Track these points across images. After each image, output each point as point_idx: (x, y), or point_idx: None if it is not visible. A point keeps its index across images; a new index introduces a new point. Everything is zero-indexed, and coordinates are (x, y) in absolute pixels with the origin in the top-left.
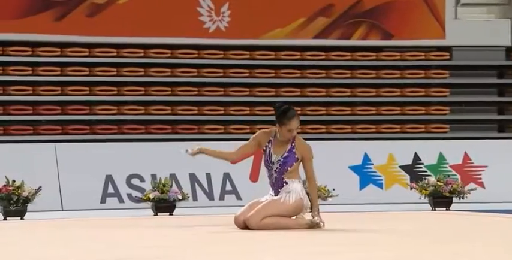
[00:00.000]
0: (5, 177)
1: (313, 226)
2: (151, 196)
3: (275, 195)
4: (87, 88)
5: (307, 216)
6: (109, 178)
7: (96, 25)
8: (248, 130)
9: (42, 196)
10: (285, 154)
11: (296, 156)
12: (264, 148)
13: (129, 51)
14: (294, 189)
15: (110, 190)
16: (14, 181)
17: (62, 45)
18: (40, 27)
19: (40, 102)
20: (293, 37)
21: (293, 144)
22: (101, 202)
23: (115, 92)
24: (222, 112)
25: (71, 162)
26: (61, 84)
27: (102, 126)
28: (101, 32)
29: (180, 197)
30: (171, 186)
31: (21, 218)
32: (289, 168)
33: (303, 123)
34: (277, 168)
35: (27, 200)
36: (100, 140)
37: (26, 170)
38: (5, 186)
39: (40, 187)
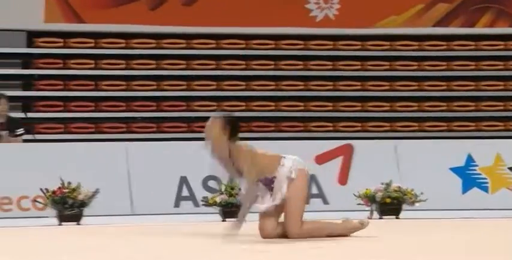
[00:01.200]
0: (60, 178)
1: (363, 227)
2: (217, 199)
3: (271, 191)
4: (184, 83)
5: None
6: (183, 180)
7: (194, 14)
8: (359, 128)
9: (111, 199)
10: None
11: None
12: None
13: (229, 42)
14: (284, 176)
15: (185, 193)
16: (69, 183)
17: (158, 36)
18: (134, 17)
19: (134, 98)
20: (410, 25)
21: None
22: (174, 206)
23: (214, 87)
24: (330, 108)
25: (142, 163)
26: (157, 78)
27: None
28: (198, 22)
29: None
30: (240, 189)
31: (77, 224)
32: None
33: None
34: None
35: (83, 204)
36: (169, 139)
37: (97, 171)
38: (59, 188)
39: (98, 189)
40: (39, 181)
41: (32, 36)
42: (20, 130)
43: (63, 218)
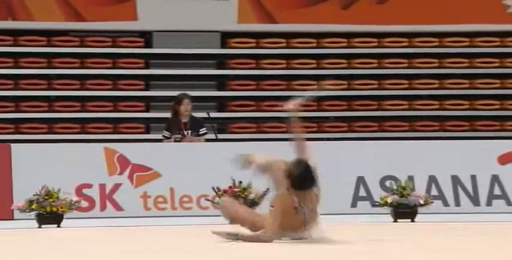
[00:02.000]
0: (231, 178)
1: None
2: (389, 200)
3: None
4: (375, 82)
5: None
6: (360, 180)
7: (387, 13)
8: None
9: None
10: None
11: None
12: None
13: (422, 40)
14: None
15: (362, 193)
16: (240, 182)
17: (349, 35)
18: (326, 16)
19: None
20: None
21: None
22: (351, 206)
23: (406, 86)
24: (497, 107)
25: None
26: (348, 77)
27: (393, 123)
28: (391, 20)
29: (421, 202)
30: (412, 189)
31: None
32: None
33: None
34: None
35: (254, 203)
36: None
37: None
38: (230, 187)
39: (268, 189)
40: (217, 179)
41: (225, 37)
42: (203, 130)
43: None
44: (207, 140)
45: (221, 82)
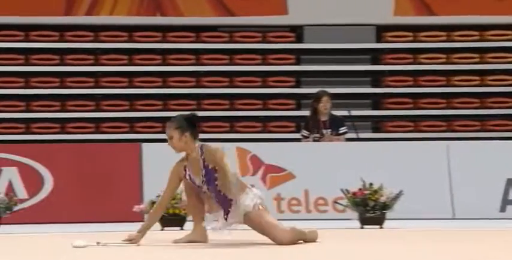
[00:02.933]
0: (361, 179)
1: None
2: None
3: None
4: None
5: None
6: (510, 183)
7: None
8: None
9: (430, 202)
10: (203, 172)
11: (210, 168)
12: (185, 177)
13: None
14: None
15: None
16: (371, 184)
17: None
18: (488, 7)
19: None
20: None
21: (203, 157)
22: (500, 211)
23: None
24: None
25: (463, 162)
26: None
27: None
28: None
29: None
30: None
31: (380, 227)
32: (216, 182)
33: None
34: (208, 188)
35: (385, 206)
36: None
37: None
38: (360, 189)
39: (401, 191)
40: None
41: (380, 31)
42: (343, 129)
43: (364, 221)
44: (348, 139)
45: (376, 79)
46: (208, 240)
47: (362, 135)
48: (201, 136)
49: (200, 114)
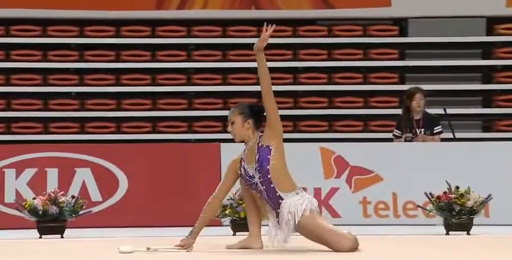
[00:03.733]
0: (446, 182)
1: None
2: None
3: (277, 217)
4: None
5: None
6: None
7: None
8: None
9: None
10: (257, 156)
11: (266, 146)
12: (240, 171)
13: None
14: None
15: None
16: (457, 187)
17: None
18: None
19: None
20: None
21: (259, 142)
22: None
23: None
24: None
25: None
26: None
27: None
28: None
29: None
30: None
31: (467, 233)
32: (268, 167)
33: None
34: (259, 177)
35: (472, 211)
36: None
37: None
38: (445, 193)
39: (490, 196)
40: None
41: (491, 23)
42: (438, 128)
43: (450, 227)
44: (443, 140)
45: (487, 74)
46: (263, 246)
47: (471, 135)
48: (296, 135)
49: (297, 112)
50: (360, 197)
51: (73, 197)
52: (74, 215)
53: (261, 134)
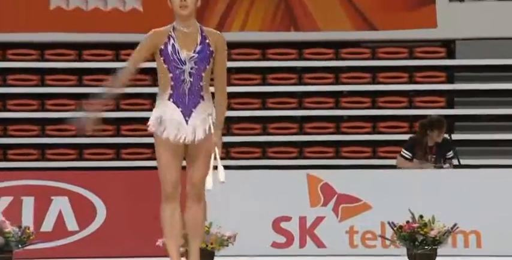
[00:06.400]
0: (409, 210)
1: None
2: None
3: (186, 115)
4: None
5: None
6: None
7: None
8: None
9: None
10: (198, 48)
11: (210, 48)
12: (162, 47)
13: None
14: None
15: None
16: (421, 216)
17: None
18: None
19: None
20: None
21: (203, 34)
22: None
23: None
24: None
25: None
26: None
27: None
28: None
29: None
30: None
31: None
32: (207, 67)
33: None
34: (191, 68)
35: (435, 241)
36: None
37: None
38: (408, 222)
39: (455, 225)
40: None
41: None
42: (450, 154)
43: (414, 258)
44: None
45: None
46: None
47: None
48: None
49: (340, 138)
50: (346, 226)
51: (19, 227)
52: (20, 246)
53: (202, 26)
